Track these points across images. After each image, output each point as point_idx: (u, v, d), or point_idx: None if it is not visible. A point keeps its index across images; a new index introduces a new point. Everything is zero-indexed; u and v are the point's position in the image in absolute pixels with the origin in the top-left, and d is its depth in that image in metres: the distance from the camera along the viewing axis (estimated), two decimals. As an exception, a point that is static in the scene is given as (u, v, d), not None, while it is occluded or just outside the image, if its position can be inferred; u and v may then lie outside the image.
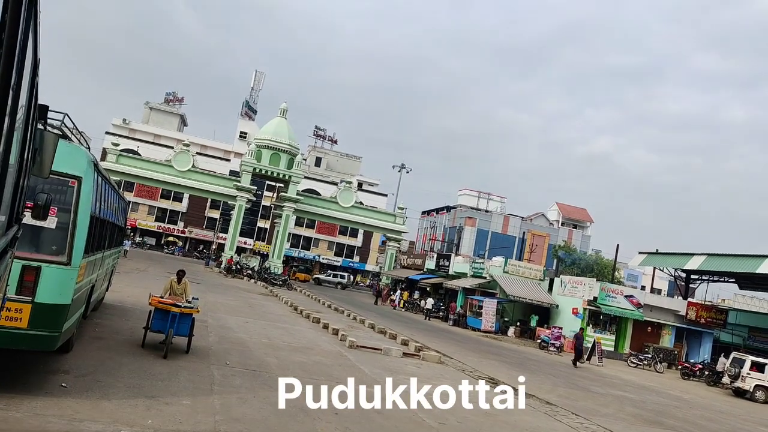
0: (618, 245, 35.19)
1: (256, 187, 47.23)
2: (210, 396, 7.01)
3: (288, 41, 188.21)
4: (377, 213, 51.44)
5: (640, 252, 35.42)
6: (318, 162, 76.21)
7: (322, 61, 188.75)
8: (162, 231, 61.95)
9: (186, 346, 9.22)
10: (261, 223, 63.79)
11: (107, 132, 62.42)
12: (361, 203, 51.60)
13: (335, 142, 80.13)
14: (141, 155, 49.90)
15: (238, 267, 38.73)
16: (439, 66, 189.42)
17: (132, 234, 50.75)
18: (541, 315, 30.77)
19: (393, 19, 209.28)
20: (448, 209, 68.95)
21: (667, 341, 29.70)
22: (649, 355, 26.42)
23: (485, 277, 34.15)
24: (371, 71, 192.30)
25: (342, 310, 24.13)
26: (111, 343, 8.99)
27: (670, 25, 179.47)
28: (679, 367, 25.97)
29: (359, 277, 63.81)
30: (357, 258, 66.57)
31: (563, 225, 68.77)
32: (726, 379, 21.38)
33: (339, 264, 63.60)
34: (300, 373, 9.19)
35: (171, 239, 61.66)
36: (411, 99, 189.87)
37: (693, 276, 33.90)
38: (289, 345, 12.44)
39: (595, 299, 28.66)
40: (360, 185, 65.33)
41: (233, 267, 38.31)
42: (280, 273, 41.09)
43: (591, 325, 28.15)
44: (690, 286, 34.89)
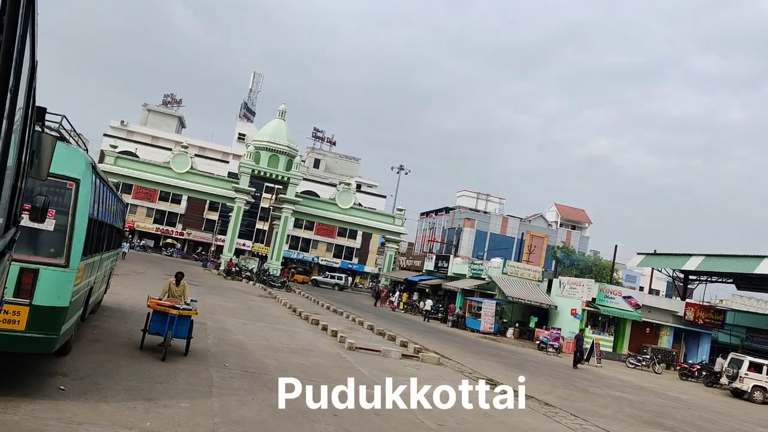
0: (616, 246, 35.42)
1: (254, 189, 47.23)
2: (209, 398, 7.01)
3: (287, 42, 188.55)
4: (376, 214, 51.44)
5: (638, 253, 35.49)
6: (317, 164, 76.23)
7: (321, 62, 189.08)
8: (160, 233, 61.89)
9: (185, 348, 9.22)
10: (260, 225, 63.74)
11: (105, 134, 62.37)
12: (360, 205, 51.59)
13: (334, 143, 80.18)
14: (139, 157, 49.89)
15: (237, 269, 38.70)
16: (439, 66, 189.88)
17: (130, 236, 50.67)
18: (540, 316, 30.79)
19: (392, 20, 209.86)
20: (446, 210, 69.01)
21: (666, 342, 29.75)
22: (648, 356, 26.44)
23: (484, 279, 34.17)
24: (370, 72, 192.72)
25: (341, 311, 24.11)
26: (109, 346, 8.98)
27: (669, 26, 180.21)
28: (678, 368, 26.02)
29: (358, 279, 63.79)
30: (356, 259, 66.55)
31: (562, 226, 68.86)
32: (724, 380, 21.42)
33: (338, 266, 63.56)
34: (299, 375, 9.19)
35: (169, 241, 61.58)
36: (410, 100, 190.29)
37: (691, 277, 33.95)
38: (288, 347, 12.43)
39: (594, 300, 28.70)
40: (359, 187, 65.38)
41: (233, 269, 38.28)
42: (278, 275, 41.06)
43: (589, 326, 28.18)
44: (688, 286, 34.94)
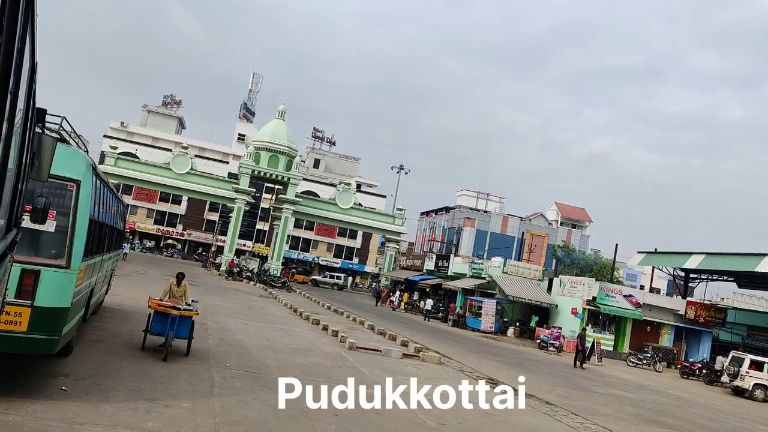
0: (617, 245, 35.51)
1: (254, 190, 47.24)
2: (210, 398, 7.02)
3: (287, 42, 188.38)
4: (376, 214, 51.44)
5: (639, 251, 35.50)
6: (316, 164, 76.22)
7: (320, 62, 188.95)
8: (161, 234, 61.94)
9: (186, 348, 9.23)
10: (260, 225, 63.75)
11: (105, 135, 62.38)
12: (360, 204, 51.59)
13: (334, 143, 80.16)
14: (139, 158, 49.88)
15: (237, 269, 38.74)
16: (438, 66, 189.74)
17: (131, 237, 50.71)
18: (541, 315, 30.79)
19: (392, 20, 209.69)
20: (447, 210, 69.01)
21: (667, 340, 29.74)
22: (649, 355, 26.44)
23: (484, 278, 34.17)
24: (370, 72, 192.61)
25: (341, 311, 24.12)
26: (111, 346, 8.99)
27: (669, 25, 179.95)
28: (679, 366, 26.02)
29: (359, 279, 63.78)
30: (356, 259, 66.56)
31: (562, 225, 68.85)
32: (725, 378, 21.42)
33: (338, 266, 63.57)
34: (300, 375, 9.20)
35: (170, 242, 61.62)
36: (410, 99, 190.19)
37: (692, 275, 33.95)
38: (289, 347, 12.45)
39: (595, 299, 28.70)
40: (359, 186, 65.38)
41: (234, 270, 38.31)
42: (279, 275, 41.08)
43: (590, 325, 28.16)
44: (689, 285, 34.93)
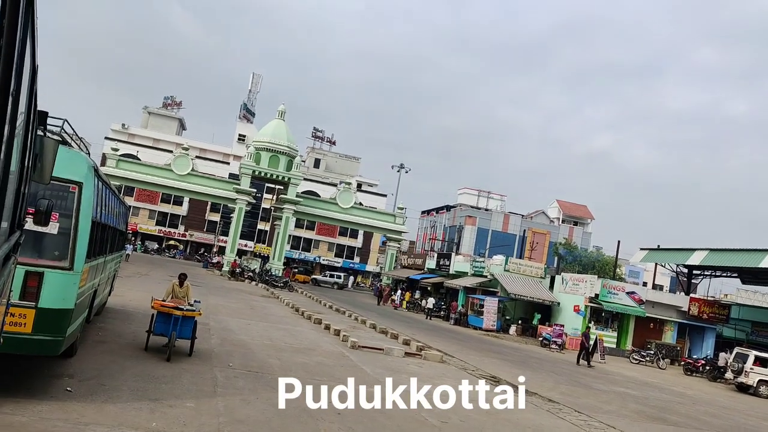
0: (619, 242, 35.12)
1: (255, 190, 47.26)
2: (213, 398, 7.05)
3: (286, 42, 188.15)
4: (377, 213, 51.45)
5: (641, 248, 35.43)
6: (317, 163, 76.23)
7: (320, 62, 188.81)
8: (163, 235, 62.06)
9: (189, 348, 9.27)
10: (261, 226, 63.84)
11: (107, 137, 62.49)
12: (361, 204, 51.60)
13: (334, 143, 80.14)
14: (140, 160, 49.97)
15: (240, 270, 38.84)
16: (438, 65, 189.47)
17: (133, 238, 50.81)
18: (543, 313, 30.78)
19: (391, 18, 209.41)
20: (447, 208, 68.93)
21: (670, 337, 29.70)
22: (652, 352, 26.42)
23: (486, 276, 34.17)
24: (370, 71, 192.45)
25: (343, 310, 24.15)
26: (114, 347, 9.03)
27: (669, 21, 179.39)
28: (682, 363, 25.97)
29: (360, 278, 63.80)
30: (357, 259, 66.58)
31: (564, 222, 68.72)
32: (729, 375, 21.39)
33: (339, 265, 63.61)
34: (302, 374, 9.23)
35: (172, 243, 61.74)
36: (410, 98, 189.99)
37: (695, 271, 33.86)
38: (291, 346, 12.47)
39: (597, 296, 28.67)
40: (359, 186, 65.33)
41: (236, 270, 38.40)
42: (281, 275, 41.14)
43: (593, 322, 28.15)
44: (692, 281, 34.84)
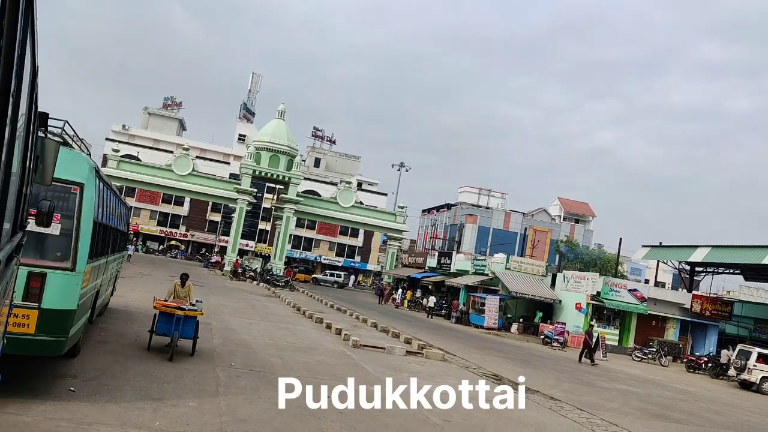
0: (621, 239, 34.81)
1: (256, 190, 47.29)
2: (216, 397, 7.07)
3: (286, 42, 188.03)
4: (377, 212, 51.45)
5: (643, 245, 35.35)
6: (317, 163, 76.22)
7: (319, 61, 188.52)
8: (164, 235, 62.15)
9: (191, 348, 9.29)
10: (262, 225, 63.88)
11: (107, 138, 62.54)
12: (361, 203, 51.61)
13: (334, 142, 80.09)
14: (141, 160, 50.03)
15: (241, 269, 38.91)
16: (438, 62, 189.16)
17: (134, 239, 50.89)
18: (544, 311, 30.77)
19: (390, 16, 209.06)
20: (448, 207, 68.91)
21: (672, 334, 29.68)
22: (654, 349, 26.39)
23: (487, 274, 34.15)
24: (369, 70, 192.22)
25: (344, 309, 24.17)
26: (117, 347, 9.05)
27: (672, 15, 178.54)
28: (684, 361, 25.95)
29: (361, 277, 63.82)
30: (358, 258, 66.60)
31: (565, 220, 68.65)
32: (732, 372, 21.37)
33: (340, 264, 63.62)
34: (304, 373, 9.25)
35: (173, 243, 61.82)
36: (410, 97, 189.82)
37: (697, 268, 33.79)
38: (293, 345, 12.49)
39: (599, 294, 28.65)
40: (359, 185, 65.35)
41: (238, 270, 38.46)
42: (282, 274, 41.20)
43: (595, 320, 28.14)
44: (694, 278, 34.77)
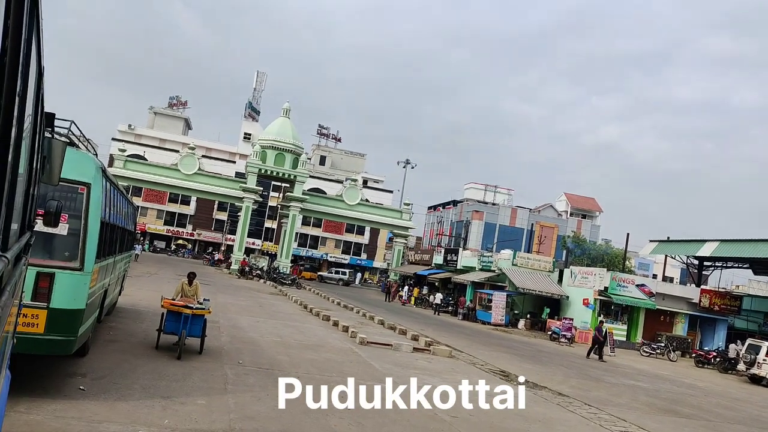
0: (628, 234, 34.72)
1: (262, 188, 47.43)
2: (224, 395, 7.10)
3: (290, 41, 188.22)
4: (383, 210, 51.45)
5: (651, 240, 35.15)
6: (322, 161, 76.31)
7: (324, 60, 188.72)
8: (171, 234, 62.52)
9: (199, 346, 9.33)
10: (268, 224, 64.09)
11: (113, 138, 62.97)
12: (367, 200, 51.61)
13: (339, 140, 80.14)
14: (147, 160, 50.28)
15: (248, 268, 39.05)
16: (442, 59, 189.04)
17: (142, 238, 51.22)
18: (552, 307, 30.67)
19: (394, 14, 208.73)
20: (454, 204, 68.74)
21: (680, 329, 29.51)
22: (662, 344, 26.24)
23: (494, 271, 34.07)
24: (374, 67, 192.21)
25: (351, 307, 24.20)
26: (126, 346, 9.11)
27: (678, 7, 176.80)
28: (693, 355, 25.79)
29: (367, 274, 63.90)
30: (364, 255, 66.69)
31: (572, 215, 68.31)
32: (741, 366, 21.22)
33: (347, 262, 63.73)
34: (312, 370, 9.28)
35: (180, 242, 62.17)
36: (414, 95, 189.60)
37: (706, 263, 33.55)
38: (300, 343, 12.52)
39: (606, 289, 28.52)
40: (365, 182, 65.40)
41: (245, 268, 38.59)
42: (288, 272, 41.31)
43: (602, 315, 28.02)
44: (703, 273, 34.54)
